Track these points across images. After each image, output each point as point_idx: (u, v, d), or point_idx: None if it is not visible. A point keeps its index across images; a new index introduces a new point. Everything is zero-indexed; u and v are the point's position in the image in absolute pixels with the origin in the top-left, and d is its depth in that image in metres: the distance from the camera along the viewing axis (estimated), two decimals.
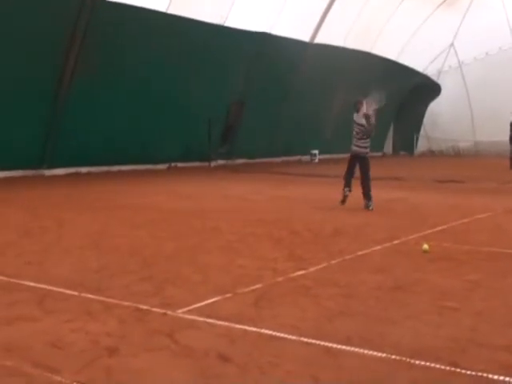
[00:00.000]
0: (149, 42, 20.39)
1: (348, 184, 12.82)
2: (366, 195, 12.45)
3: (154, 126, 21.84)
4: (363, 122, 12.46)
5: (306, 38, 26.62)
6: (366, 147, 12.64)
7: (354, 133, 12.59)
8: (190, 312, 5.40)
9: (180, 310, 5.43)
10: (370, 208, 12.27)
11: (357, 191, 12.61)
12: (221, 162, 25.44)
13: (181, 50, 21.41)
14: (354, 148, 12.64)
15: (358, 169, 12.70)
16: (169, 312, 5.39)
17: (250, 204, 13.64)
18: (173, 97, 21.94)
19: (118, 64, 19.85)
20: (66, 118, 19.05)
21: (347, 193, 12.78)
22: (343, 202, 12.76)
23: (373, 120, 12.47)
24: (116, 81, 19.96)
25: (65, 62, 18.51)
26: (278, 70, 25.52)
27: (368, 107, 12.48)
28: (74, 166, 19.95)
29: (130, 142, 21.01)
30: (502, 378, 4.06)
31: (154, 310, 5.46)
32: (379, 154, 35.51)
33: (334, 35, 27.22)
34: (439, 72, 35.22)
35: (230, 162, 25.72)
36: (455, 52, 34.63)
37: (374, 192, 12.63)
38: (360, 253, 8.10)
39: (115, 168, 21.17)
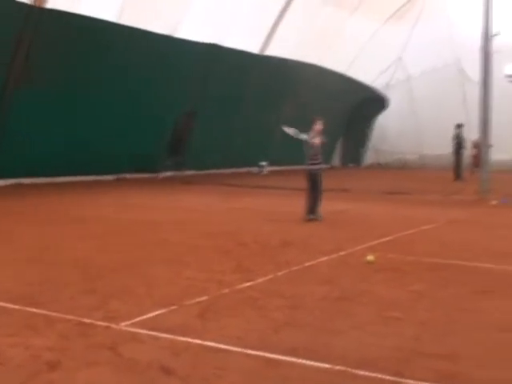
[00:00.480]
0: (98, 52, 20.18)
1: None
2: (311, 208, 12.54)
3: (102, 136, 21.57)
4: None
5: (256, 50, 26.73)
6: (319, 163, 12.84)
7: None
8: (133, 325, 5.34)
9: (124, 323, 5.37)
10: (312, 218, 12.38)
11: (301, 202, 12.65)
12: (169, 173, 25.29)
13: (131, 60, 21.25)
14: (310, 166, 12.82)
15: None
16: (112, 325, 5.32)
17: (199, 216, 13.59)
18: (121, 107, 21.74)
19: (66, 74, 19.57)
20: (9, 127, 18.68)
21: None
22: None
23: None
24: (62, 91, 19.68)
25: (8, 72, 18.17)
26: (228, 82, 25.55)
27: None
28: (15, 176, 19.52)
29: (76, 153, 20.69)
30: None
31: (98, 323, 5.39)
32: (328, 166, 35.84)
33: (283, 47, 27.39)
34: (387, 85, 35.73)
35: (178, 173, 25.58)
36: (403, 66, 35.19)
37: (324, 203, 12.74)
38: (307, 264, 8.14)
39: (62, 179, 20.82)
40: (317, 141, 12.57)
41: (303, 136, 12.69)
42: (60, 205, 15.09)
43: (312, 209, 12.49)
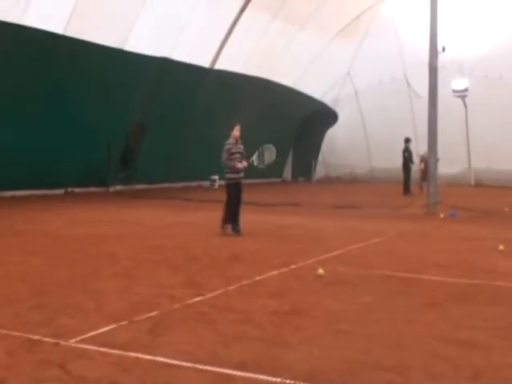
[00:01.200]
0: (46, 64, 19.97)
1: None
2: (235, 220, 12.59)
3: (51, 149, 21.30)
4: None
5: (206, 63, 26.79)
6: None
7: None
8: (82, 341, 5.28)
9: (72, 340, 5.30)
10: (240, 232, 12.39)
11: (250, 216, 12.69)
12: (119, 187, 25.10)
13: (79, 72, 21.06)
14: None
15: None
16: (61, 342, 5.25)
17: (149, 230, 13.51)
18: (71, 120, 21.51)
19: (12, 86, 19.30)
20: None
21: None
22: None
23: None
24: (9, 103, 19.39)
25: None
26: (178, 95, 25.53)
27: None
28: None
29: (23, 166, 20.37)
30: None
31: (46, 339, 5.31)
32: (278, 179, 36.01)
33: (233, 62, 27.53)
34: (336, 100, 36.14)
35: (129, 187, 25.40)
36: (351, 80, 35.66)
37: (272, 217, 12.78)
38: (257, 278, 8.16)
39: (8, 193, 20.49)
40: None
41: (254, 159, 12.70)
42: (7, 219, 14.82)
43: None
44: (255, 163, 13.01)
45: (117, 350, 5.06)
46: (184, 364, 4.77)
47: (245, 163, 12.53)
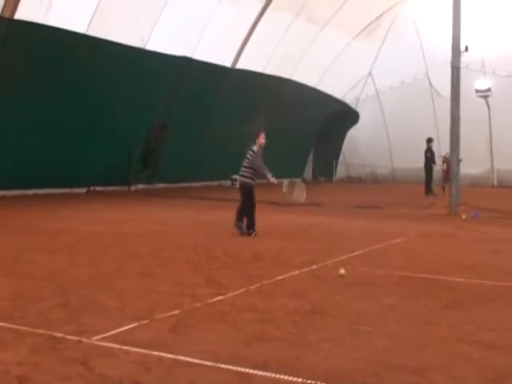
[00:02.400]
0: (68, 63, 20.10)
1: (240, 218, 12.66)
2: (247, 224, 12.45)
3: (73, 148, 21.46)
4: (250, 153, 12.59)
5: (227, 63, 26.83)
6: (244, 176, 12.75)
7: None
8: (105, 339, 5.32)
9: (95, 338, 5.34)
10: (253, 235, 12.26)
11: (271, 215, 12.68)
12: (141, 186, 25.22)
13: (101, 71, 21.18)
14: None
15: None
16: (83, 339, 5.29)
17: (170, 229, 13.56)
18: (92, 119, 21.66)
19: (34, 85, 19.46)
20: None
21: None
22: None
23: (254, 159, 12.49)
24: (33, 103, 19.56)
25: None
26: (199, 95, 25.59)
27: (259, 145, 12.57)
28: None
29: (47, 165, 20.54)
30: None
31: (69, 337, 5.35)
32: (299, 179, 35.92)
33: (255, 61, 27.55)
34: (357, 100, 36.01)
35: (150, 186, 25.52)
36: (373, 80, 35.51)
37: (293, 217, 12.76)
38: (279, 277, 8.16)
39: (31, 192, 20.67)
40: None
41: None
42: (31, 218, 14.95)
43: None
44: (283, 189, 12.96)
45: (139, 348, 5.09)
46: (206, 363, 4.78)
47: (274, 179, 12.49)
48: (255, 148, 12.55)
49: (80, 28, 20.00)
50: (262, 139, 12.61)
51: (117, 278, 7.95)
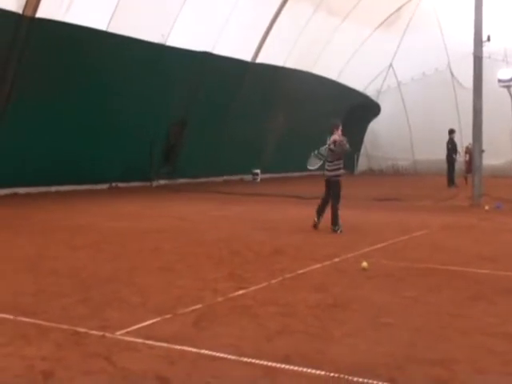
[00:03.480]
0: (90, 60, 20.19)
1: (318, 211, 12.52)
2: (332, 219, 12.26)
3: (94, 145, 21.57)
4: (331, 146, 12.52)
5: (247, 57, 26.80)
6: (333, 170, 12.59)
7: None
8: (128, 334, 5.35)
9: (118, 332, 5.37)
10: (338, 231, 12.05)
11: (292, 209, 12.63)
12: (162, 181, 25.30)
13: (122, 69, 21.26)
14: (325, 172, 12.70)
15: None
16: (107, 334, 5.32)
17: (192, 224, 13.59)
18: (113, 116, 21.75)
19: (57, 83, 19.57)
20: (2, 138, 18.65)
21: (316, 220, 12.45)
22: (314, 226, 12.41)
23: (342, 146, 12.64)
24: (54, 100, 19.67)
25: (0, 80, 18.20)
26: (219, 90, 25.58)
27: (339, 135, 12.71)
28: (10, 186, 19.51)
29: (70, 162, 20.69)
30: None
31: (92, 332, 5.39)
32: (320, 172, 35.85)
33: (275, 55, 27.49)
34: (378, 92, 35.81)
35: (171, 181, 25.59)
36: (394, 72, 35.28)
37: (314, 210, 12.70)
38: (300, 271, 8.15)
39: (53, 188, 20.83)
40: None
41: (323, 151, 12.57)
42: (54, 214, 15.07)
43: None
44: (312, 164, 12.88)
45: (162, 342, 5.11)
46: (229, 357, 4.79)
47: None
48: (337, 138, 12.65)
49: (101, 25, 20.07)
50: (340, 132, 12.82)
51: (138, 274, 7.99)
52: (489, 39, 17.49)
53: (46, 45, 18.71)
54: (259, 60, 27.16)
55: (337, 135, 12.66)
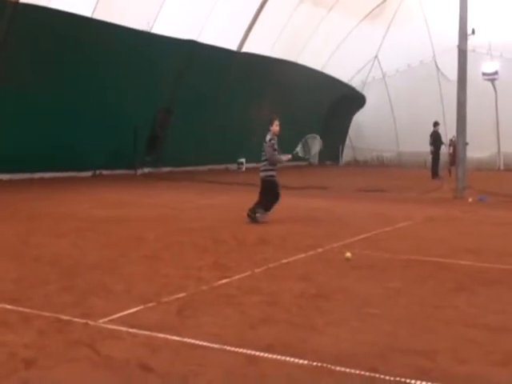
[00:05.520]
0: (74, 47, 20.06)
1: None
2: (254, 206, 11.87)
3: (78, 132, 21.46)
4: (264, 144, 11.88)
5: (233, 46, 26.74)
6: (264, 170, 12.03)
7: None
8: (111, 322, 5.33)
9: (101, 320, 5.35)
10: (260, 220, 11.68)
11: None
12: (147, 170, 25.23)
13: (107, 56, 21.15)
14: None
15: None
16: (90, 322, 5.30)
17: (176, 212, 13.57)
18: (98, 103, 21.64)
19: (41, 69, 19.44)
20: None
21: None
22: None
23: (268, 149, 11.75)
24: (37, 85, 19.53)
25: None
26: (205, 78, 25.53)
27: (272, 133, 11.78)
28: None
29: (53, 149, 20.57)
30: (418, 382, 4.16)
31: (75, 320, 5.37)
32: (305, 163, 35.91)
33: (261, 44, 27.45)
34: (363, 83, 35.87)
35: (156, 170, 25.52)
36: (379, 64, 35.35)
37: (299, 200, 12.72)
38: (284, 261, 8.16)
39: (37, 175, 20.71)
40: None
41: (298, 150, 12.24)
42: (37, 201, 14.99)
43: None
44: (300, 154, 12.59)
45: (145, 330, 5.10)
46: (212, 345, 4.79)
47: (289, 156, 12.01)
48: (268, 137, 11.76)
49: (85, 11, 19.92)
50: (276, 127, 11.77)
51: (123, 262, 7.97)
52: (473, 32, 17.56)
53: (30, 31, 18.57)
54: (245, 49, 27.11)
55: (272, 132, 11.82)
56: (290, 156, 12.12)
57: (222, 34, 25.22)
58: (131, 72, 22.12)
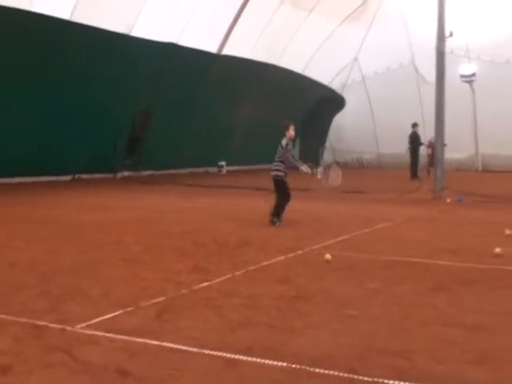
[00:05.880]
0: (53, 50, 19.92)
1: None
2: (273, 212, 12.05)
3: (57, 136, 21.31)
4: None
5: (213, 49, 26.70)
6: (274, 170, 12.21)
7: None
8: (89, 327, 5.29)
9: (79, 326, 5.31)
10: (276, 224, 11.86)
11: (259, 202, 12.64)
12: (127, 173, 25.11)
13: (85, 58, 21.01)
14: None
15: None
16: (67, 327, 5.26)
17: (156, 216, 13.52)
18: (77, 106, 21.50)
19: (19, 72, 19.29)
20: None
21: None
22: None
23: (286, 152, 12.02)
24: (17, 89, 19.38)
25: None
26: (185, 81, 25.46)
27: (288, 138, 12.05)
28: None
29: (31, 153, 20.40)
30: (396, 382, 4.18)
31: (52, 325, 5.32)
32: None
33: (241, 47, 27.43)
34: (343, 85, 35.97)
35: (136, 173, 25.42)
36: (359, 66, 35.47)
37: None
38: (264, 263, 8.16)
39: (15, 180, 20.53)
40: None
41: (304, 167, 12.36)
42: (15, 205, 14.86)
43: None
44: (317, 175, 12.82)
45: (123, 335, 5.07)
46: (191, 349, 4.77)
47: (308, 169, 12.40)
48: (284, 141, 11.99)
49: (64, 14, 19.80)
50: (291, 131, 12.05)
51: (102, 266, 7.92)
52: (451, 34, 17.70)
53: (9, 34, 18.42)
54: (225, 52, 27.08)
55: (287, 137, 12.09)
56: (308, 170, 12.43)
57: (201, 37, 25.16)
58: (111, 75, 22.00)
